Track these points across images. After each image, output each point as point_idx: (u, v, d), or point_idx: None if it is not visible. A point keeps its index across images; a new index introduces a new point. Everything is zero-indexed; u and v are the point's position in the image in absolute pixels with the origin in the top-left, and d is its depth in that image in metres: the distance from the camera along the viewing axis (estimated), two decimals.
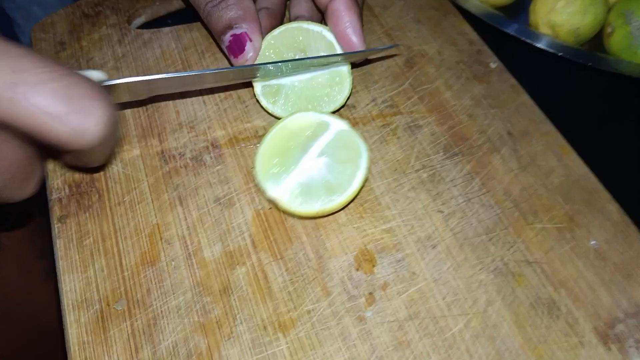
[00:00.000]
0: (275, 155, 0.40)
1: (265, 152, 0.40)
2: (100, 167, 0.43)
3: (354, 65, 0.48)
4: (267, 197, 0.39)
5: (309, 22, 0.44)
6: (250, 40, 0.42)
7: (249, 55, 0.42)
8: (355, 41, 0.43)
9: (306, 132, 0.41)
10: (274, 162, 0.40)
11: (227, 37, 0.42)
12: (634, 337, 0.37)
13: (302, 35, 0.44)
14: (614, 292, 0.38)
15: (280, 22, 0.48)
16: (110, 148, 0.34)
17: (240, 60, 0.43)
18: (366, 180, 0.40)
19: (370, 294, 0.37)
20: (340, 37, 0.43)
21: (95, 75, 0.34)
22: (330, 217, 0.41)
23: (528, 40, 0.52)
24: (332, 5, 0.43)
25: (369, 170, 0.41)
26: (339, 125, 0.41)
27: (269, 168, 0.39)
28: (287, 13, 0.51)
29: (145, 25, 0.54)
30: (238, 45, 0.42)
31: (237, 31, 0.42)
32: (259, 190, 0.42)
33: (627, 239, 0.41)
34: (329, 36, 0.44)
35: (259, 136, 0.45)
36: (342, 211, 0.41)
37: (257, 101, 0.44)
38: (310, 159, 0.40)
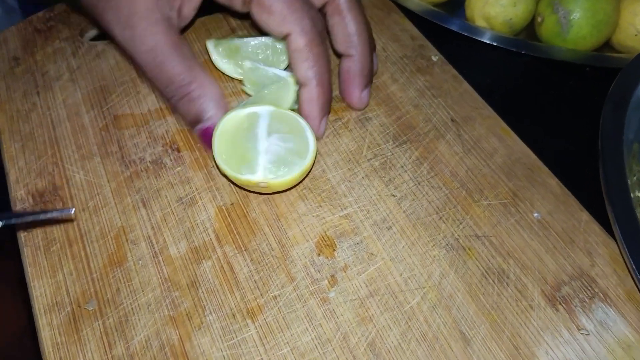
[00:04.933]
0: (234, 155, 0.41)
1: (224, 156, 0.41)
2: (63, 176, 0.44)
3: None
4: (256, 184, 0.41)
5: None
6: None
7: None
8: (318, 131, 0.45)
9: (243, 127, 0.42)
10: (236, 162, 0.41)
11: (197, 131, 0.43)
12: (579, 297, 0.39)
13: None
14: (558, 258, 0.41)
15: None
16: None
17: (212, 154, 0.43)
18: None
19: (332, 276, 0.39)
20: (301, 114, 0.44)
21: None
22: (291, 207, 0.43)
23: (466, 34, 0.55)
24: (303, 92, 0.44)
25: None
26: (266, 109, 0.43)
27: (237, 166, 0.41)
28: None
29: (97, 37, 0.55)
30: (206, 139, 0.43)
31: (204, 125, 0.42)
32: (220, 188, 0.43)
33: (568, 209, 0.44)
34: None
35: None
36: (301, 201, 0.43)
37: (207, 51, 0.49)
38: (263, 142, 0.42)
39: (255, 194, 0.43)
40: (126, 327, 0.37)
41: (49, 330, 0.37)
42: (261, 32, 0.46)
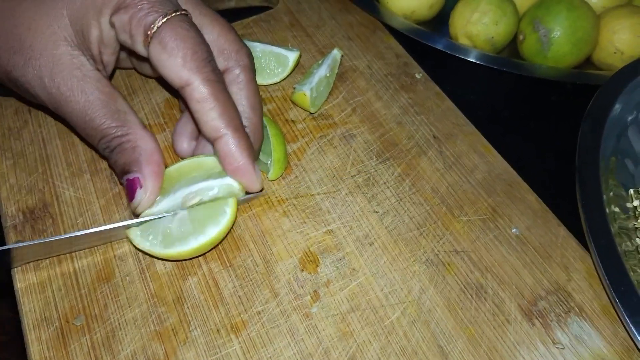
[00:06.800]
0: (172, 176, 0.42)
1: (172, 170, 0.42)
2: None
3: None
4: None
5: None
6: (141, 187, 0.39)
7: (137, 201, 0.40)
8: (251, 185, 0.42)
9: (208, 172, 0.42)
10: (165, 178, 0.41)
11: (124, 182, 0.40)
12: (555, 311, 0.41)
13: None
14: (536, 273, 0.42)
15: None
16: None
17: (132, 207, 0.40)
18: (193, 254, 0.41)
19: (315, 291, 0.40)
20: (230, 175, 0.41)
21: None
22: (275, 223, 0.44)
23: (450, 52, 0.56)
24: (220, 145, 0.40)
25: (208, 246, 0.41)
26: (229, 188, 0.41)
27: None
28: None
29: None
30: (129, 190, 0.40)
31: (130, 176, 0.40)
32: None
33: (546, 225, 0.45)
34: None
35: None
36: (286, 218, 0.44)
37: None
38: (182, 194, 0.41)
39: (241, 211, 0.44)
40: (113, 342, 0.38)
41: (37, 345, 0.38)
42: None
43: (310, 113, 0.51)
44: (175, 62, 0.38)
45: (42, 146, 0.48)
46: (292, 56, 0.52)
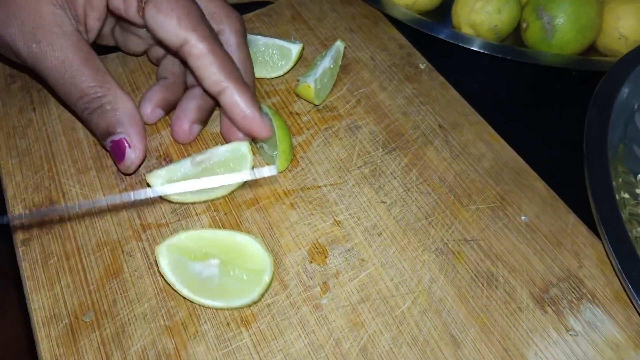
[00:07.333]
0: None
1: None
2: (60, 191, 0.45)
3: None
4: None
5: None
6: (130, 146, 0.41)
7: (129, 161, 0.42)
8: (261, 132, 0.42)
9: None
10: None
11: (108, 144, 0.42)
12: (567, 298, 0.40)
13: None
14: (546, 260, 0.42)
15: (181, 94, 0.47)
16: None
17: (123, 166, 0.42)
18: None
19: (325, 282, 0.40)
20: (240, 128, 0.43)
21: None
22: (283, 216, 0.44)
23: (453, 41, 0.56)
24: (225, 97, 0.41)
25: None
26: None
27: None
28: None
29: None
30: (117, 151, 0.42)
31: (116, 137, 0.41)
32: (214, 198, 0.44)
33: (555, 212, 0.45)
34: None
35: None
36: (293, 210, 0.44)
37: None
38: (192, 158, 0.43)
39: (248, 204, 0.44)
40: (123, 337, 0.38)
41: (47, 342, 0.37)
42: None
43: (315, 105, 0.51)
44: (171, 22, 0.40)
45: (47, 144, 0.48)
46: (295, 48, 0.52)
